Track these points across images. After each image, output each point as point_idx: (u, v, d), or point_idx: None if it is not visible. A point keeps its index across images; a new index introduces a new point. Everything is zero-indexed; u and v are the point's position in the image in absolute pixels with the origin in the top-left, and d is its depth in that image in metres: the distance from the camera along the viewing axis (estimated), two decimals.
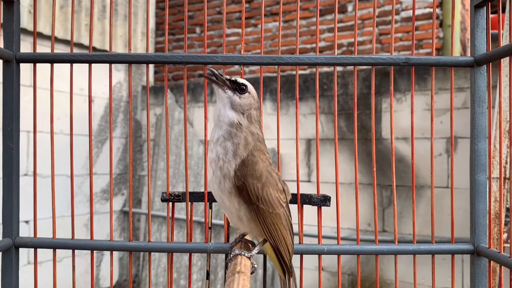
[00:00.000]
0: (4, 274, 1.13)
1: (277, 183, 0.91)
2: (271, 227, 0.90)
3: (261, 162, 0.88)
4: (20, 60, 1.15)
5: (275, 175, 0.91)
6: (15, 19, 1.15)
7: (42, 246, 1.17)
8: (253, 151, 0.88)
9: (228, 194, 0.88)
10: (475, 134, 1.14)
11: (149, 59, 1.16)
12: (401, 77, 3.15)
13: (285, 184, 0.96)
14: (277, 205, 0.90)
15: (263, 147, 0.92)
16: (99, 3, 3.89)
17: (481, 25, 1.15)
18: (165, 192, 1.18)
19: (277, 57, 1.16)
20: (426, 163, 2.89)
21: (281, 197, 0.92)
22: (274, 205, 0.89)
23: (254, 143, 0.89)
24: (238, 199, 0.88)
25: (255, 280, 3.29)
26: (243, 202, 0.88)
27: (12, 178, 1.14)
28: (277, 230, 0.90)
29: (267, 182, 0.88)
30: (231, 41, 4.92)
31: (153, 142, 4.06)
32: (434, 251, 1.15)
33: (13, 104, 1.15)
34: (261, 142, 0.92)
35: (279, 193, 0.91)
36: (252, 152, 0.88)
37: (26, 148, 3.20)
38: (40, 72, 1.19)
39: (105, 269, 3.81)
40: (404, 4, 4.17)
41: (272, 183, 0.89)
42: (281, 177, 0.95)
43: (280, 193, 0.91)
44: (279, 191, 0.91)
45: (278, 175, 0.93)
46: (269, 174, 0.89)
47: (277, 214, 0.90)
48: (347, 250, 1.16)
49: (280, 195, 0.91)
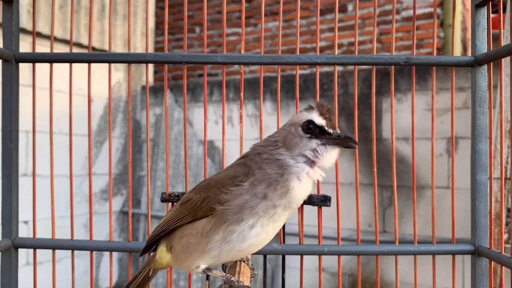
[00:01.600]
0: (3, 275, 1.13)
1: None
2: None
3: None
4: (19, 60, 1.15)
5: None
6: (14, 19, 1.14)
7: (42, 247, 1.16)
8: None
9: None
10: (476, 134, 1.14)
11: (149, 59, 1.16)
12: (401, 77, 3.15)
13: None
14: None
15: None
16: (98, 2, 3.88)
17: (482, 25, 1.15)
18: (164, 193, 1.17)
19: (277, 57, 1.16)
20: (427, 163, 2.88)
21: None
22: None
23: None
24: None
25: (255, 281, 3.29)
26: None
27: (11, 178, 1.14)
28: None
29: None
30: (231, 40, 4.91)
31: (152, 142, 4.05)
32: (435, 251, 1.15)
33: (12, 104, 1.14)
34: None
35: None
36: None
37: (25, 148, 3.19)
38: (39, 72, 1.19)
39: (105, 269, 3.81)
40: (405, 4, 4.17)
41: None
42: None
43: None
44: None
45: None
46: None
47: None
48: (348, 250, 1.15)
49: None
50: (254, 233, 0.80)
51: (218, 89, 3.85)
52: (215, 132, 2.58)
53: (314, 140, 0.81)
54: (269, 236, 0.83)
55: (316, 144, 0.81)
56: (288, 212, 0.83)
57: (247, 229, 0.79)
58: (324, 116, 0.82)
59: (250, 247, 0.82)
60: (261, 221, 0.79)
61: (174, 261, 0.89)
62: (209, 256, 0.82)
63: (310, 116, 0.82)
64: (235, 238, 0.79)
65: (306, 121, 0.82)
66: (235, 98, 3.68)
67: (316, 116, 0.82)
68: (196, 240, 0.82)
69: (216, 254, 0.82)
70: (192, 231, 0.83)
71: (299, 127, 0.82)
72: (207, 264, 0.86)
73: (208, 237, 0.80)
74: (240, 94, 1.19)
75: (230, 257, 0.84)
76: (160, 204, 3.84)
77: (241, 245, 0.80)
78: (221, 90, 3.81)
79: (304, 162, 0.81)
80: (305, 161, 0.81)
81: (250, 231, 0.79)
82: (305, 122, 0.82)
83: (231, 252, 0.81)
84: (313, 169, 0.82)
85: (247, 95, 3.56)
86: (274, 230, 0.83)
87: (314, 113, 0.82)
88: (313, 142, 0.81)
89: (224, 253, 0.81)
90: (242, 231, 0.79)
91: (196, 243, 0.82)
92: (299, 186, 0.81)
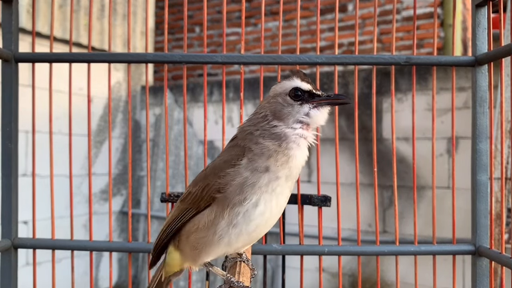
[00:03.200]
0: (3, 275, 1.13)
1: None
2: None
3: None
4: (19, 60, 1.15)
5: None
6: (14, 19, 1.14)
7: (41, 247, 1.16)
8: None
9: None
10: (476, 134, 1.13)
11: (149, 59, 1.16)
12: (402, 77, 3.15)
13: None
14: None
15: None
16: (98, 2, 3.88)
17: (482, 25, 1.15)
18: (164, 193, 1.17)
19: (277, 57, 1.16)
20: (427, 164, 2.88)
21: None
22: None
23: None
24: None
25: (255, 281, 3.29)
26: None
27: (10, 179, 1.14)
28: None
29: None
30: (231, 40, 4.91)
31: (152, 142, 4.05)
32: (435, 251, 1.15)
33: (11, 104, 1.14)
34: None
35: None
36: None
37: (24, 148, 3.19)
38: (38, 71, 1.18)
39: (104, 270, 3.80)
40: (405, 4, 4.17)
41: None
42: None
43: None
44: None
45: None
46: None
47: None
48: (348, 251, 1.15)
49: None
50: (258, 212, 0.79)
51: (218, 89, 3.85)
52: (215, 132, 2.58)
53: (306, 105, 0.83)
54: (274, 215, 0.83)
55: (308, 108, 0.83)
56: (289, 184, 0.83)
57: (251, 208, 0.79)
58: (307, 80, 0.84)
59: (258, 228, 0.82)
60: (264, 197, 0.79)
61: (185, 261, 0.88)
62: (220, 247, 0.82)
63: (294, 84, 0.84)
64: (240, 220, 0.79)
65: (292, 88, 0.83)
66: (235, 98, 3.67)
67: (299, 82, 0.84)
68: (203, 234, 0.81)
69: (226, 242, 0.81)
70: (199, 225, 0.82)
71: (287, 96, 0.84)
72: (218, 256, 0.86)
73: (214, 226, 0.80)
74: (240, 94, 1.19)
75: (241, 242, 0.83)
76: (160, 204, 3.83)
77: (248, 227, 0.80)
78: (221, 90, 3.80)
79: (301, 128, 0.83)
80: (301, 126, 0.83)
81: (255, 210, 0.79)
82: (291, 90, 0.83)
83: (240, 237, 0.81)
84: (309, 132, 0.84)
85: (247, 95, 3.56)
86: (278, 209, 0.83)
87: (297, 80, 0.84)
88: (305, 107, 0.83)
89: (234, 239, 0.81)
90: (247, 211, 0.79)
91: (203, 236, 0.81)
92: (299, 152, 0.83)
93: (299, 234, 1.17)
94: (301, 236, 1.18)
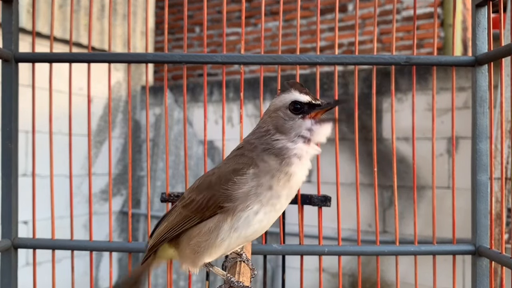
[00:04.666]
0: (3, 275, 1.13)
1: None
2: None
3: None
4: (19, 60, 1.15)
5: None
6: (14, 19, 1.14)
7: (41, 247, 1.16)
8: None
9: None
10: (476, 134, 1.13)
11: (149, 59, 1.16)
12: (402, 77, 3.15)
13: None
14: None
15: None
16: (98, 2, 3.88)
17: (482, 25, 1.15)
18: (164, 193, 1.17)
19: (277, 57, 1.16)
20: (427, 164, 2.88)
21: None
22: None
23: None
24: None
25: (255, 281, 3.29)
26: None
27: (10, 179, 1.14)
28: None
29: None
30: (231, 40, 4.91)
31: (152, 142, 4.05)
32: (435, 251, 1.15)
33: (11, 104, 1.14)
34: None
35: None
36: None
37: (24, 148, 3.19)
38: (39, 71, 1.18)
39: (104, 270, 3.80)
40: (405, 3, 4.16)
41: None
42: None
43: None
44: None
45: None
46: None
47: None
48: (348, 251, 1.15)
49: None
50: (257, 219, 0.81)
51: (218, 89, 3.84)
52: (215, 132, 2.58)
53: (308, 120, 0.83)
54: (271, 222, 0.85)
55: (311, 123, 0.83)
56: (289, 200, 0.85)
57: (252, 215, 0.80)
58: (305, 92, 0.84)
59: (255, 233, 0.84)
60: (264, 209, 0.81)
61: (184, 262, 0.88)
62: (220, 249, 0.83)
63: (292, 97, 0.84)
64: (241, 224, 0.81)
65: (291, 102, 0.83)
66: (235, 98, 3.67)
67: (298, 95, 0.83)
68: (206, 237, 0.82)
69: (226, 245, 0.82)
70: (202, 230, 0.83)
71: (287, 109, 0.83)
72: (216, 257, 0.87)
73: (217, 230, 0.81)
74: (240, 94, 1.19)
75: (238, 244, 0.85)
76: (160, 204, 3.83)
77: (246, 231, 0.82)
78: (221, 90, 3.81)
79: (303, 142, 0.83)
80: (303, 141, 0.83)
81: (254, 217, 0.81)
82: (290, 104, 0.83)
83: (238, 240, 0.83)
84: (310, 146, 0.84)
85: (247, 95, 3.56)
86: (275, 217, 0.85)
87: (295, 93, 0.84)
88: (307, 121, 0.83)
89: (233, 242, 0.82)
90: (248, 216, 0.80)
91: (206, 239, 0.82)
92: (299, 168, 0.83)
93: (299, 234, 1.17)
94: (301, 236, 1.18)
